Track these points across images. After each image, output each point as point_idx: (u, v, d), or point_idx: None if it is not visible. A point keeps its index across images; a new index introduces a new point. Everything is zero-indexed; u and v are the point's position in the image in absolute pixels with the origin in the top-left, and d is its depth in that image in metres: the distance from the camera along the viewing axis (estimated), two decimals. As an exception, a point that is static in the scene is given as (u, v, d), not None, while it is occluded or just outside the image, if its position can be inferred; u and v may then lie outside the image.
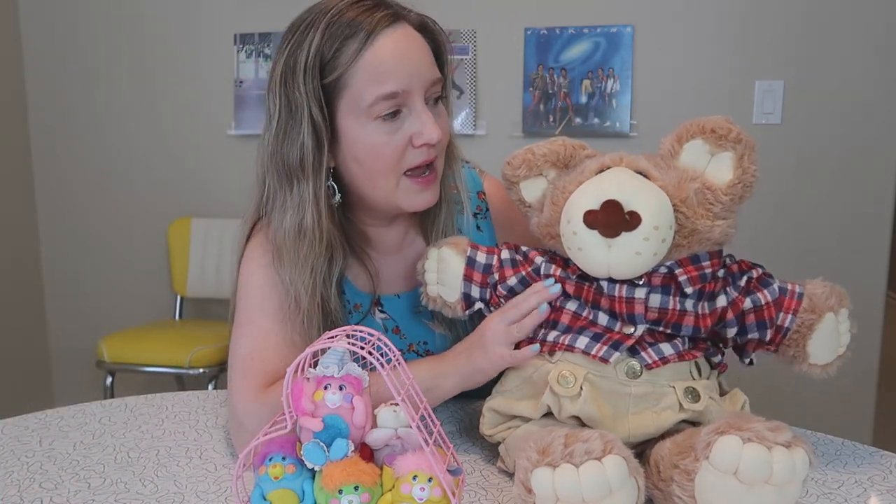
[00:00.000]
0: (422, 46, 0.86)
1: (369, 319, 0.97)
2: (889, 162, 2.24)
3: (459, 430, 0.91)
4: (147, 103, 2.68)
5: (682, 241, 0.71)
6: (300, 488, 0.63)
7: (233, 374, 0.87)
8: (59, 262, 2.84)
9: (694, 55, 2.31)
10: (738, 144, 0.72)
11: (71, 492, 0.77)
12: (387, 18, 0.83)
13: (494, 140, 2.44)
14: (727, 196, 0.72)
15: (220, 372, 2.27)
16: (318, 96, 0.83)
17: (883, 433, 2.45)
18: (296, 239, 0.86)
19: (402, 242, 0.99)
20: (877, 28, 2.20)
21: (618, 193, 0.69)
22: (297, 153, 0.84)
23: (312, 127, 0.83)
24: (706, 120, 0.73)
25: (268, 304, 0.89)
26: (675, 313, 0.72)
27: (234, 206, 2.62)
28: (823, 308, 0.74)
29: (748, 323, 0.75)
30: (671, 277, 0.72)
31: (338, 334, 0.65)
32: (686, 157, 0.74)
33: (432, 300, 0.87)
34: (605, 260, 0.70)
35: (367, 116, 0.83)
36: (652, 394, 0.70)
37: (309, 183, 0.85)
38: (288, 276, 0.87)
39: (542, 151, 0.80)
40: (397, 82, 0.82)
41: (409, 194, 0.87)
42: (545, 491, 0.60)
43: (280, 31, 0.88)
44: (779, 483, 0.58)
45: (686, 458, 0.62)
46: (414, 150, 0.84)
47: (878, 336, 2.28)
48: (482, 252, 0.84)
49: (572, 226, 0.71)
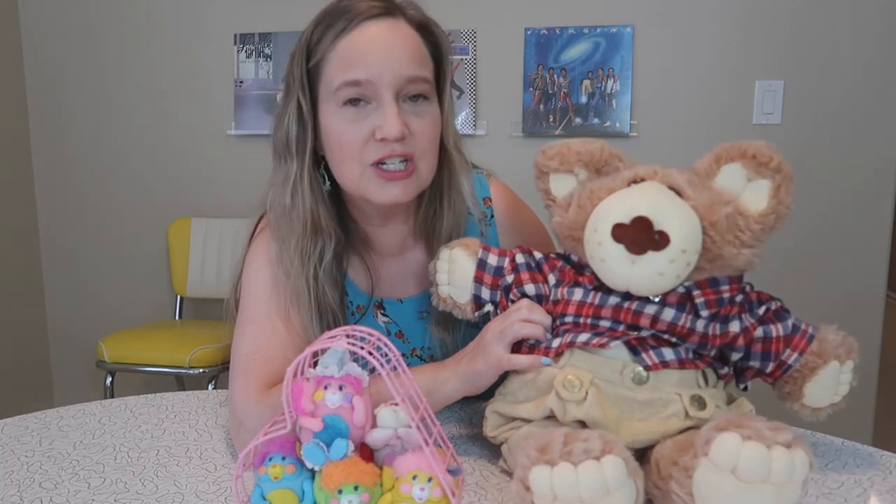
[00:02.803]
0: (408, 42, 0.85)
1: (371, 321, 0.97)
2: (889, 162, 2.24)
3: (459, 430, 0.91)
4: (147, 103, 2.68)
5: (706, 264, 0.70)
6: (300, 488, 0.63)
7: (234, 374, 0.87)
8: (59, 262, 2.84)
9: (694, 55, 2.31)
10: (778, 174, 0.70)
11: (71, 492, 0.77)
12: (375, 9, 0.84)
13: (494, 140, 2.44)
14: (758, 225, 0.70)
15: (220, 372, 2.26)
16: (303, 80, 0.86)
17: (883, 433, 2.45)
18: (282, 215, 0.89)
19: (402, 246, 0.98)
20: (877, 28, 2.20)
21: (649, 210, 0.67)
22: (284, 133, 0.88)
23: (298, 110, 0.87)
24: (748, 144, 0.71)
25: (271, 304, 0.89)
26: (685, 329, 0.71)
27: (234, 206, 2.62)
28: (830, 355, 0.74)
29: (754, 351, 0.75)
30: (688, 297, 0.71)
31: (338, 334, 0.65)
32: (722, 179, 0.72)
33: (443, 301, 0.87)
34: (627, 275, 0.68)
35: (335, 103, 0.85)
36: (658, 400, 0.70)
37: (294, 162, 0.88)
38: (276, 251, 0.90)
39: (578, 149, 0.78)
40: (364, 71, 0.82)
41: (373, 185, 0.86)
42: (543, 489, 0.60)
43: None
44: (777, 483, 0.58)
45: (685, 455, 0.62)
46: (375, 143, 0.84)
47: (878, 336, 2.28)
48: (493, 254, 0.84)
49: (598, 235, 0.69)
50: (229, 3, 2.57)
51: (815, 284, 2.30)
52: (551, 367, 0.75)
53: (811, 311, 0.76)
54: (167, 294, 2.75)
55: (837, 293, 2.29)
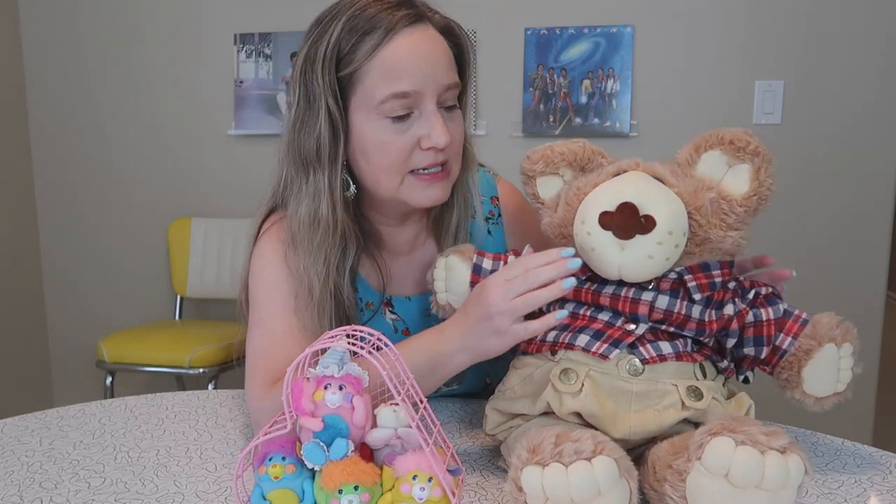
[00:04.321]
0: (441, 49, 0.86)
1: (379, 318, 0.97)
2: (889, 162, 2.24)
3: (459, 430, 0.91)
4: (147, 103, 2.68)
5: (695, 248, 0.71)
6: (300, 488, 0.63)
7: (247, 372, 0.88)
8: (59, 263, 2.84)
9: (694, 55, 2.31)
10: (756, 157, 0.72)
11: (71, 492, 0.77)
12: (408, 18, 0.83)
13: (494, 140, 2.44)
14: (742, 207, 0.72)
15: (220, 372, 2.27)
16: (334, 88, 0.84)
17: (883, 433, 2.45)
18: (310, 227, 0.87)
19: (413, 244, 0.99)
20: (877, 28, 2.20)
21: (634, 196, 0.69)
22: (313, 143, 0.86)
23: (329, 118, 0.85)
24: (725, 131, 0.73)
25: (278, 301, 0.89)
26: (681, 316, 0.72)
27: (234, 206, 2.62)
28: (825, 337, 0.73)
29: (746, 336, 0.75)
30: (680, 283, 0.72)
31: (338, 334, 0.65)
32: (703, 167, 0.74)
33: (442, 308, 0.88)
34: (618, 261, 0.70)
35: (377, 113, 0.84)
36: (654, 391, 0.70)
37: (325, 173, 0.86)
38: (302, 265, 0.88)
39: (562, 150, 0.80)
40: (411, 82, 0.82)
41: (414, 190, 0.86)
42: (534, 489, 0.60)
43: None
44: (771, 488, 0.58)
45: (680, 458, 0.62)
46: (421, 151, 0.85)
47: (878, 336, 2.28)
48: (488, 258, 0.85)
49: (587, 226, 0.71)
50: (229, 3, 2.57)
51: (816, 285, 2.30)
52: (548, 360, 0.75)
53: (811, 312, 0.76)
54: (167, 294, 2.75)
55: (837, 293, 2.29)
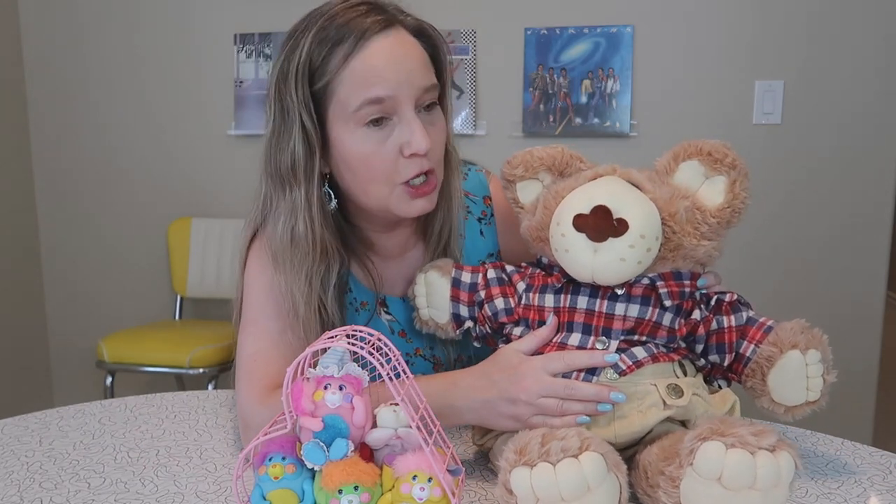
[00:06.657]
0: (415, 52, 0.85)
1: (375, 319, 0.97)
2: (889, 162, 2.24)
3: (459, 430, 0.91)
4: (147, 103, 2.68)
5: (668, 254, 0.72)
6: (300, 488, 0.63)
7: (238, 375, 0.87)
8: (59, 263, 2.84)
9: (694, 55, 2.31)
10: (733, 170, 0.73)
11: (71, 492, 0.77)
12: (378, 24, 0.82)
13: (494, 140, 2.44)
14: (715, 219, 0.73)
15: (220, 372, 2.27)
16: (308, 103, 0.83)
17: (883, 433, 2.45)
18: (289, 245, 0.86)
19: (403, 247, 0.99)
20: (877, 28, 2.20)
21: (608, 200, 0.70)
22: (288, 159, 0.84)
23: (304, 133, 0.83)
24: (704, 142, 0.74)
25: (270, 306, 0.89)
26: (651, 324, 0.73)
27: (234, 206, 2.62)
28: (787, 343, 0.72)
29: (710, 344, 0.76)
30: (652, 289, 0.73)
31: (338, 334, 0.65)
32: (680, 176, 0.75)
33: (425, 323, 0.90)
34: (591, 263, 0.70)
35: (354, 122, 0.82)
36: (634, 394, 0.71)
37: (301, 189, 0.85)
38: (284, 283, 0.87)
39: (541, 155, 0.82)
40: (385, 87, 0.81)
41: (402, 202, 0.86)
42: (524, 491, 0.60)
43: (280, 31, 0.88)
44: (763, 488, 0.59)
45: (671, 464, 0.63)
46: (405, 160, 0.83)
47: (878, 336, 2.28)
48: (467, 272, 0.86)
49: (561, 228, 0.72)
50: (229, 3, 2.57)
51: (816, 285, 2.30)
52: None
53: (811, 312, 0.76)
54: (167, 294, 2.75)
55: (837, 293, 2.29)
